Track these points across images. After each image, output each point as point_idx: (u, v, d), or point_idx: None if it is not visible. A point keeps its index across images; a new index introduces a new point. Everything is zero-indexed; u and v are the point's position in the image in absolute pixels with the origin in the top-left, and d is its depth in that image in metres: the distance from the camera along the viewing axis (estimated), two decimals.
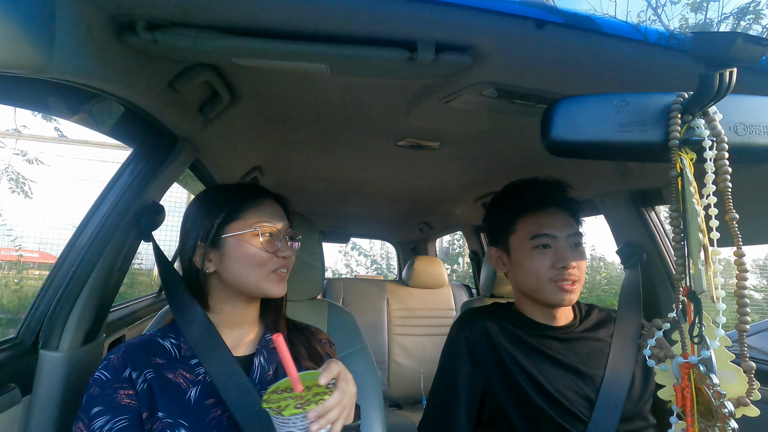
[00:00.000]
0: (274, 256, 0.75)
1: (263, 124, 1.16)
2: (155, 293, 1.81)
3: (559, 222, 0.93)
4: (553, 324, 0.95)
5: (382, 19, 0.59)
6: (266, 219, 0.77)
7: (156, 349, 0.73)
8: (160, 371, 0.70)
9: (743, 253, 0.48)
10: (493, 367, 0.92)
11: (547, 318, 0.96)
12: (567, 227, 0.93)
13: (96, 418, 0.63)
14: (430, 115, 1.00)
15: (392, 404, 2.32)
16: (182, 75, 0.78)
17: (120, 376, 0.68)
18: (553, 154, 0.54)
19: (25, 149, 4.75)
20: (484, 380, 0.92)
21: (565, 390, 0.86)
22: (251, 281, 0.74)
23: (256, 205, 0.78)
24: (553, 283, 0.90)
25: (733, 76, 0.47)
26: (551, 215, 0.94)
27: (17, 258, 4.45)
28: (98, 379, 0.67)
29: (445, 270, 2.62)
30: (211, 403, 0.69)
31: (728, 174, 0.49)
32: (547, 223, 0.93)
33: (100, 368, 0.69)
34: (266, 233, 0.76)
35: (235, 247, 0.74)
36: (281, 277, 0.77)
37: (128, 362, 0.69)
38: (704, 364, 0.50)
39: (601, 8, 7.97)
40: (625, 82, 0.70)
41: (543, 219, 0.94)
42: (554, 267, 0.90)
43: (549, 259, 0.91)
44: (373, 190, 2.00)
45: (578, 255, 0.92)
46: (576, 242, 0.93)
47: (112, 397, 0.65)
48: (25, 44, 0.49)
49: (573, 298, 0.91)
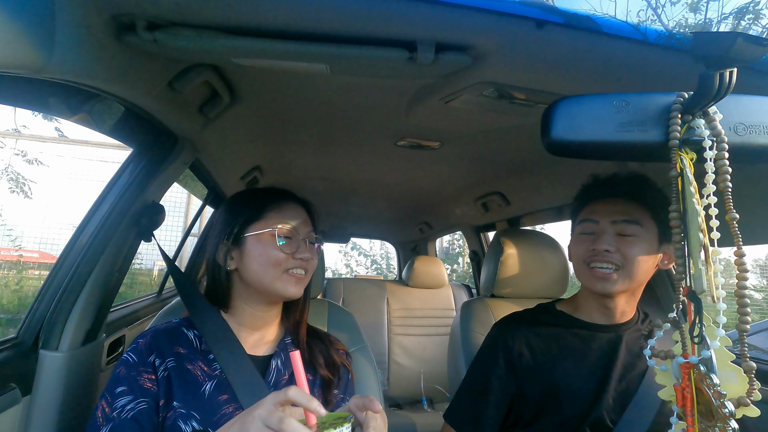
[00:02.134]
0: (290, 257, 0.76)
1: (263, 124, 1.16)
2: (155, 293, 1.81)
3: (608, 209, 0.88)
4: (607, 321, 0.91)
5: (382, 19, 0.59)
6: (286, 221, 0.78)
7: (180, 338, 0.75)
8: (180, 361, 0.72)
9: (743, 253, 0.48)
10: (530, 375, 0.90)
11: (602, 310, 0.91)
12: (615, 214, 0.87)
13: (119, 397, 0.66)
14: (430, 115, 1.00)
15: (392, 404, 2.32)
16: (182, 75, 0.78)
17: (146, 360, 0.70)
18: (553, 154, 0.54)
19: (25, 149, 4.75)
20: (516, 386, 0.91)
21: (593, 394, 0.84)
22: (267, 280, 0.75)
23: (278, 207, 0.80)
24: (587, 266, 0.87)
25: (733, 76, 0.47)
26: (606, 204, 0.90)
27: (17, 258, 4.45)
28: (125, 361, 0.70)
29: (445, 270, 2.62)
30: (225, 399, 0.70)
31: (728, 174, 0.49)
32: (596, 210, 0.90)
33: (129, 350, 0.71)
34: (284, 234, 0.77)
35: (254, 246, 0.76)
36: (297, 279, 0.77)
37: (154, 348, 0.71)
38: (704, 364, 0.50)
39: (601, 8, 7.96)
40: (625, 82, 0.70)
41: (595, 207, 0.91)
42: (589, 250, 0.87)
43: (588, 243, 0.88)
44: (373, 190, 2.00)
45: (623, 242, 0.85)
46: (622, 230, 0.86)
47: (137, 379, 0.68)
48: (25, 44, 0.49)
49: (609, 288, 0.85)
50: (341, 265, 7.33)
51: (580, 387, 0.85)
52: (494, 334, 1.00)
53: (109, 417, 0.64)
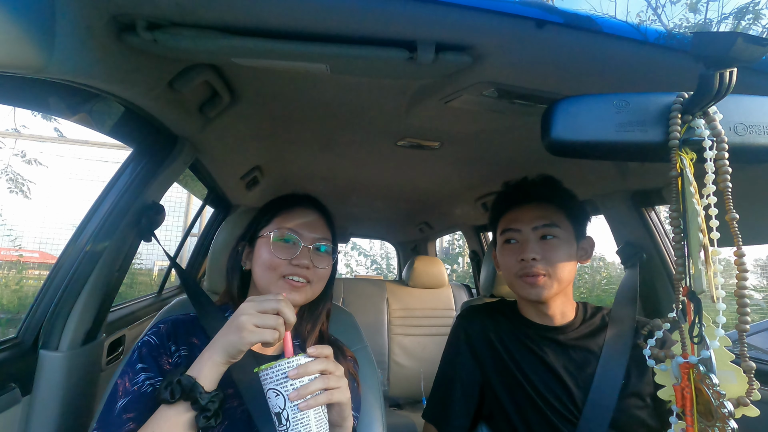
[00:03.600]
0: (287, 263, 0.75)
1: (263, 123, 1.16)
2: (155, 293, 1.81)
3: (527, 216, 0.91)
4: (550, 324, 0.93)
5: (382, 19, 0.59)
6: (289, 226, 0.77)
7: (197, 330, 0.76)
8: (193, 351, 0.72)
9: (743, 253, 0.48)
10: (492, 363, 0.92)
11: (541, 317, 0.94)
12: (534, 220, 0.89)
13: (140, 373, 0.67)
14: (430, 115, 1.00)
15: (392, 404, 2.32)
16: (182, 75, 0.78)
17: (166, 344, 0.72)
18: (553, 154, 0.54)
19: (24, 149, 4.75)
20: (482, 375, 0.93)
21: (557, 391, 0.85)
22: (264, 283, 0.75)
23: (288, 212, 0.80)
24: (519, 278, 0.89)
25: (733, 76, 0.47)
26: (523, 210, 0.92)
27: (17, 258, 4.44)
28: (147, 342, 0.71)
29: (445, 270, 2.62)
30: (230, 393, 0.70)
31: (728, 174, 0.49)
32: (515, 218, 0.92)
33: (150, 333, 0.72)
34: (281, 237, 0.76)
35: (258, 248, 0.78)
36: (293, 286, 0.75)
37: (172, 335, 0.73)
38: (704, 364, 0.50)
39: (601, 8, 7.97)
40: (625, 82, 0.70)
41: (513, 215, 0.93)
42: (518, 261, 0.89)
43: (515, 254, 0.90)
44: (373, 190, 2.00)
45: (546, 247, 0.88)
46: (543, 234, 0.88)
47: (157, 359, 0.69)
48: (25, 44, 0.49)
49: (543, 294, 0.87)
50: (341, 265, 7.33)
51: (537, 384, 0.86)
52: (456, 325, 1.02)
53: (129, 390, 0.65)
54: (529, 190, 0.96)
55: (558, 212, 0.91)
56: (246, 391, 0.69)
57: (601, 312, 0.98)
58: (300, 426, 0.56)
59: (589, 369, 0.87)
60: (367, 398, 0.92)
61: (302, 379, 0.58)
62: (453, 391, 0.94)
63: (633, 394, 0.84)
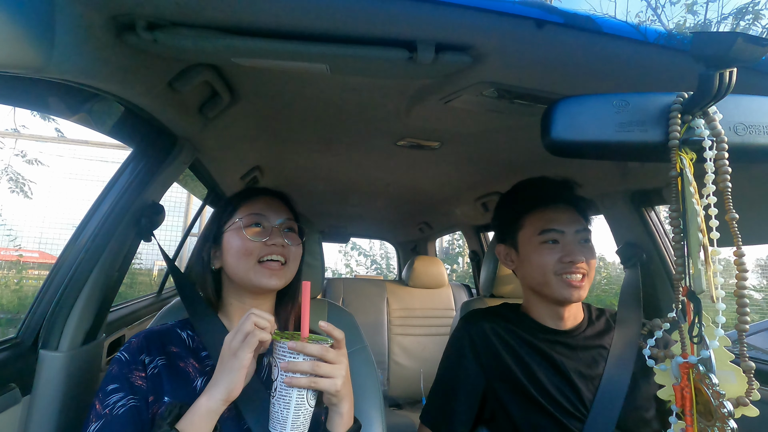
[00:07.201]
0: (262, 245, 0.77)
1: (263, 124, 1.16)
2: (155, 293, 1.81)
3: (566, 218, 0.93)
4: (560, 327, 0.94)
5: (382, 19, 0.59)
6: (255, 211, 0.80)
7: (173, 338, 0.76)
8: (172, 359, 0.73)
9: (743, 253, 0.48)
10: (496, 368, 0.92)
11: (554, 319, 0.95)
12: (575, 223, 0.93)
13: (111, 395, 0.66)
14: (430, 115, 1.00)
15: (392, 404, 2.32)
16: (182, 75, 0.78)
17: (137, 359, 0.71)
18: (553, 154, 0.54)
19: (24, 149, 4.74)
20: (486, 379, 0.92)
21: (566, 392, 0.86)
22: (242, 271, 0.77)
23: (250, 202, 0.82)
24: (560, 277, 0.90)
25: (733, 76, 0.47)
26: (559, 211, 0.94)
27: (17, 258, 4.44)
28: (118, 359, 0.71)
29: (445, 270, 2.62)
30: None
31: (728, 174, 0.49)
32: (555, 218, 0.93)
33: (122, 350, 0.72)
34: (251, 223, 0.79)
35: (228, 241, 0.79)
36: (271, 270, 0.77)
37: (144, 348, 0.72)
38: (704, 364, 0.50)
39: (601, 8, 7.97)
40: (625, 82, 0.70)
41: (551, 215, 0.94)
42: (561, 261, 0.90)
43: (557, 254, 0.91)
44: (373, 190, 2.00)
45: (587, 251, 0.91)
46: (584, 238, 0.93)
47: (128, 377, 0.69)
48: (25, 44, 0.49)
49: (581, 295, 0.90)
50: (341, 265, 7.33)
51: (547, 387, 0.86)
52: (460, 329, 1.01)
53: (101, 414, 0.65)
54: (562, 192, 0.98)
55: (582, 216, 0.96)
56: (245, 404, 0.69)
57: (604, 314, 1.00)
58: (281, 400, 0.60)
59: (597, 369, 0.88)
60: (367, 398, 0.92)
61: (297, 355, 0.61)
62: (455, 398, 0.93)
63: (639, 395, 0.86)
